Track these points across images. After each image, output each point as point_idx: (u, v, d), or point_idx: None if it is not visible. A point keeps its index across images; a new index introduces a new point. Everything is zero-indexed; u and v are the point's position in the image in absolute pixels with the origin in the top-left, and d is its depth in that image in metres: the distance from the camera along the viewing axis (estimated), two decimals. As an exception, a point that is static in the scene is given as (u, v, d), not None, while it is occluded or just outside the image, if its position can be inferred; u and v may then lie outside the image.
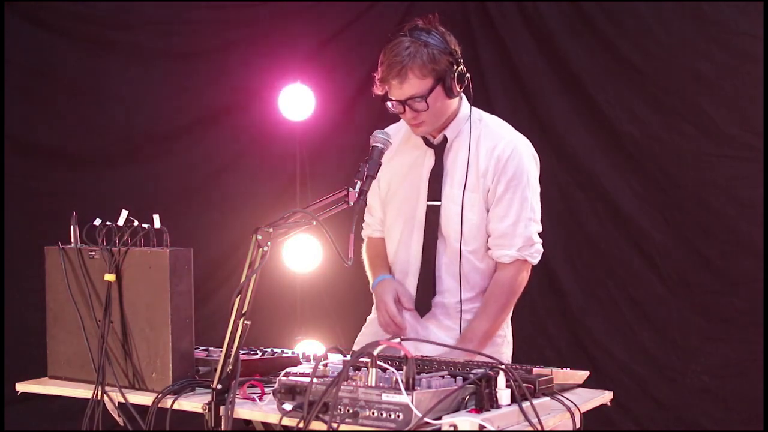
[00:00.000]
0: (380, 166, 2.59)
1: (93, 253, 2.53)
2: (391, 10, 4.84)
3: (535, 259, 2.99)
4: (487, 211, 2.94)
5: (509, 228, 2.92)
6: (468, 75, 2.87)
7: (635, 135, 4.49)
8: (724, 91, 4.32)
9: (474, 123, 2.95)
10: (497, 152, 2.91)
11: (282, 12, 4.82)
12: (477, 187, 2.92)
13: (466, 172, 2.91)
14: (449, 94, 2.84)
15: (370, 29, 4.85)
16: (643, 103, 4.47)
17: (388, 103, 2.86)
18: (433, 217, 2.95)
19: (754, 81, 4.23)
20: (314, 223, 2.31)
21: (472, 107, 2.98)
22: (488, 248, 2.96)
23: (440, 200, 2.94)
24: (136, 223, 2.46)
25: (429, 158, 2.98)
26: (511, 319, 3.12)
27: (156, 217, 2.47)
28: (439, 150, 2.96)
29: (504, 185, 2.91)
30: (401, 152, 3.02)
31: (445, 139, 2.95)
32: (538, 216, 2.98)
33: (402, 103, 2.82)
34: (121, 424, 2.42)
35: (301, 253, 4.79)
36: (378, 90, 2.87)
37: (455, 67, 2.83)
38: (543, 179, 3.05)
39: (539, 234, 2.99)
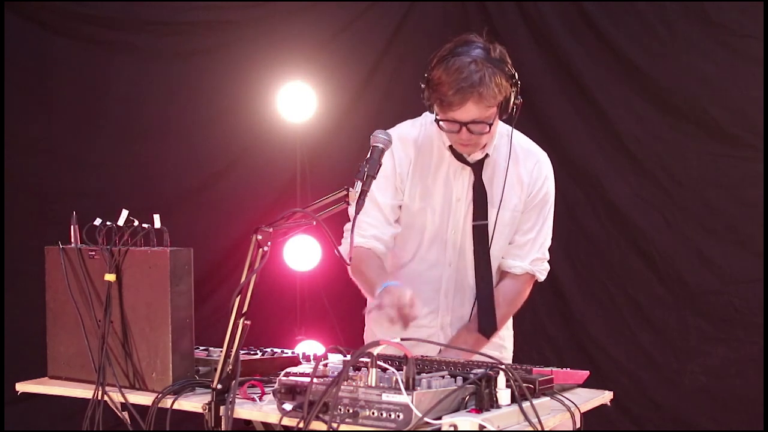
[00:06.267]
0: (380, 166, 2.57)
1: (93, 253, 2.53)
2: (391, 10, 4.84)
3: (542, 276, 3.03)
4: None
5: (529, 241, 2.97)
6: (520, 98, 2.80)
7: (637, 135, 4.49)
8: (726, 91, 4.33)
9: (506, 139, 2.92)
10: (535, 172, 2.95)
11: (282, 12, 4.82)
12: (517, 205, 2.94)
13: (503, 190, 2.90)
14: (503, 115, 2.79)
15: (370, 29, 4.85)
16: (645, 103, 4.47)
17: (442, 123, 2.76)
18: (482, 237, 2.90)
19: (755, 82, 4.24)
20: (314, 223, 2.31)
21: (507, 126, 2.93)
22: (501, 257, 2.98)
23: (486, 219, 2.89)
24: (136, 223, 2.46)
25: (464, 175, 2.92)
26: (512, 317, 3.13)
27: (156, 217, 2.47)
28: (477, 167, 2.91)
29: (536, 202, 2.96)
30: (429, 162, 2.93)
31: (485, 157, 2.90)
32: (551, 232, 3.04)
33: (462, 125, 2.73)
34: (126, 420, 2.42)
35: (301, 253, 4.78)
36: (436, 109, 2.75)
37: (514, 90, 2.76)
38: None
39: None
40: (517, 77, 2.76)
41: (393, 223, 2.96)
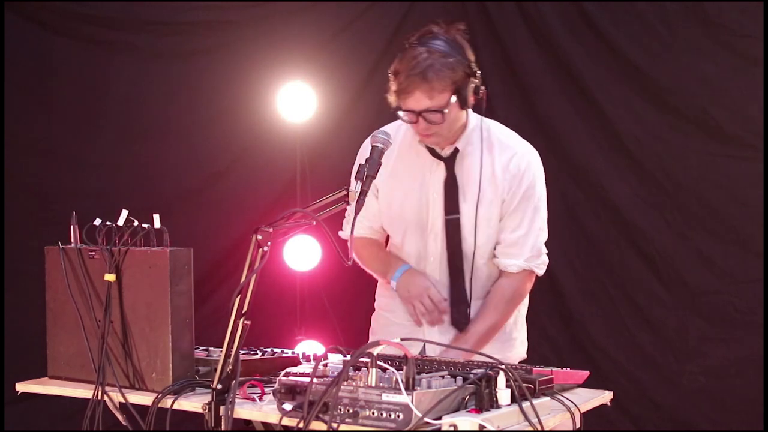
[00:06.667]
0: (380, 166, 2.58)
1: (93, 253, 2.53)
2: (391, 10, 4.84)
3: (541, 271, 3.01)
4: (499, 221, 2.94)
5: (520, 238, 2.93)
6: (483, 88, 2.84)
7: (637, 135, 4.49)
8: (726, 91, 4.33)
9: (483, 134, 2.92)
10: (512, 166, 2.91)
11: (282, 12, 4.82)
12: (493, 200, 2.91)
13: (479, 185, 2.89)
14: (463, 105, 2.81)
15: (370, 29, 4.85)
16: (645, 103, 4.47)
17: (401, 113, 2.81)
18: (454, 231, 2.92)
19: (755, 82, 4.24)
20: (314, 223, 2.31)
21: (479, 116, 2.94)
22: (494, 256, 2.96)
23: (458, 214, 2.91)
24: (136, 223, 2.46)
25: (439, 170, 2.94)
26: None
27: (156, 217, 2.47)
28: (450, 162, 2.93)
29: (519, 198, 2.92)
30: (402, 159, 2.97)
31: (455, 151, 2.92)
32: (546, 225, 3.01)
33: (417, 114, 2.77)
34: (124, 423, 2.42)
35: (301, 253, 4.79)
36: (392, 99, 2.81)
37: (472, 79, 2.80)
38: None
39: (545, 243, 3.00)
40: (474, 67, 2.80)
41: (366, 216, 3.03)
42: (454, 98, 2.76)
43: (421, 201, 2.96)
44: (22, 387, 2.66)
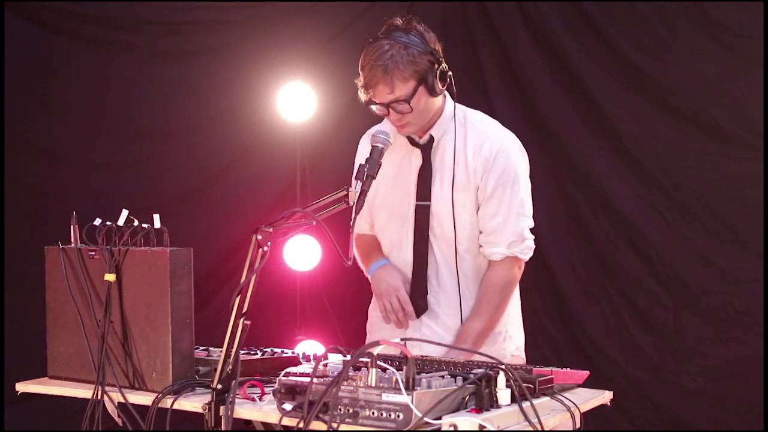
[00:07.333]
0: (380, 166, 2.59)
1: (93, 253, 2.53)
2: (391, 10, 4.81)
3: (526, 256, 2.99)
4: (478, 209, 2.93)
5: (499, 225, 2.92)
6: (450, 72, 2.86)
7: (636, 135, 4.49)
8: (726, 91, 4.33)
9: (459, 121, 2.94)
10: (484, 151, 2.91)
11: (282, 12, 4.82)
12: (467, 186, 2.91)
13: (453, 172, 2.91)
14: (432, 93, 2.83)
15: (370, 29, 4.83)
16: (645, 103, 4.47)
17: (373, 107, 2.85)
18: (423, 217, 2.95)
19: (755, 82, 4.23)
20: (314, 223, 2.31)
21: (456, 104, 2.96)
22: (480, 245, 2.96)
23: (429, 200, 2.94)
24: (136, 223, 2.46)
25: (416, 158, 2.97)
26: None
27: (156, 217, 2.47)
28: (426, 149, 2.95)
29: (493, 183, 2.90)
30: (387, 152, 3.01)
31: (431, 138, 2.94)
32: (529, 211, 2.99)
33: (386, 107, 2.81)
34: (120, 424, 2.42)
35: (301, 253, 4.79)
36: (362, 94, 2.85)
37: (436, 66, 2.82)
38: (542, 179, 3.06)
39: (531, 229, 2.99)
40: (438, 55, 2.82)
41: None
42: (420, 87, 2.79)
43: (402, 189, 2.98)
44: (22, 387, 2.66)
